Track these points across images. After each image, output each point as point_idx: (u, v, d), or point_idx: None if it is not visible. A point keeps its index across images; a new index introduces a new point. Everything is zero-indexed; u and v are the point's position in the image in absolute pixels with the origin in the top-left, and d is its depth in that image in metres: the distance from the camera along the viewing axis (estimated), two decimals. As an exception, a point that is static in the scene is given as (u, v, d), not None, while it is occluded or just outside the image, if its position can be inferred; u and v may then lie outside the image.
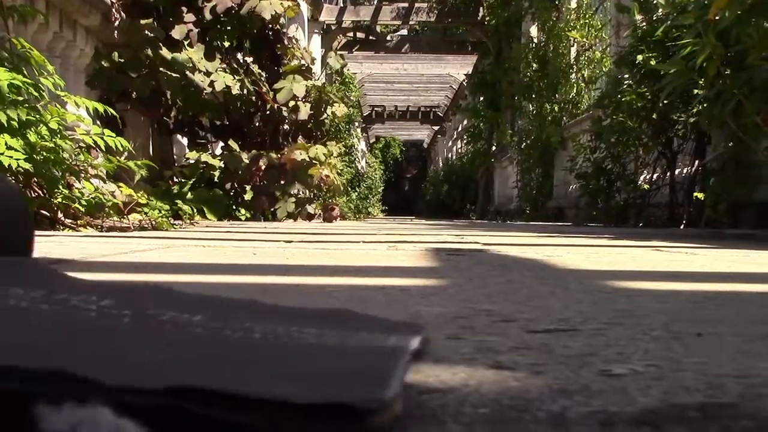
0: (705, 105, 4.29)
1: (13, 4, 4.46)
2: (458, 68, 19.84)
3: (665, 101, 5.50)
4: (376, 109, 27.17)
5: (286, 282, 1.30)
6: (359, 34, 16.96)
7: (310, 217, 8.60)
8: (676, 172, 6.46)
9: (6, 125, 3.45)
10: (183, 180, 7.93)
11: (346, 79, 16.15)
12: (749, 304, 1.04)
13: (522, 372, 0.53)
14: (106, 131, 4.15)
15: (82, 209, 3.93)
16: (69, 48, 5.96)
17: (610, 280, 1.38)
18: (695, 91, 4.26)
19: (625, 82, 6.44)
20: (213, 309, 0.61)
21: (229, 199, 8.06)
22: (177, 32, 7.71)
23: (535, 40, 12.11)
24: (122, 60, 7.27)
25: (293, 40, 9.35)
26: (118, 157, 4.40)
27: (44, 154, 3.66)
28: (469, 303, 1.00)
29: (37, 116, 3.66)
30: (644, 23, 6.15)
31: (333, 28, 15.33)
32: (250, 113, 8.71)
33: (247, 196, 8.17)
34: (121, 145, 4.14)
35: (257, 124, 8.87)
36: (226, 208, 7.89)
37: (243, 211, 8.09)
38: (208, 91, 7.81)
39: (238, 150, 8.29)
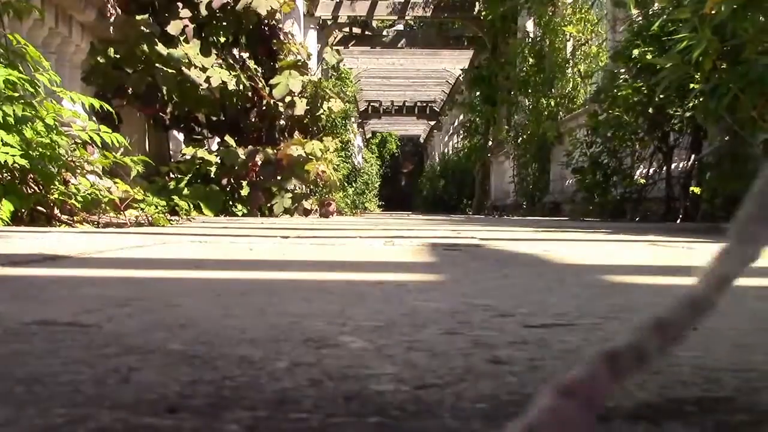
0: (701, 99, 4.29)
1: (9, 0, 4.44)
2: (454, 63, 19.80)
3: (661, 95, 5.50)
4: (372, 104, 27.11)
5: (282, 277, 1.30)
6: (355, 30, 16.95)
7: (306, 212, 8.59)
8: (673, 166, 6.46)
9: (2, 121, 3.44)
10: (179, 176, 7.91)
11: (342, 75, 16.13)
12: (745, 298, 1.04)
13: (519, 367, 0.53)
14: (102, 127, 4.14)
15: (79, 205, 3.93)
16: (64, 44, 5.94)
17: (607, 275, 1.38)
18: (691, 85, 4.25)
19: (621, 76, 6.43)
20: None
21: (225, 195, 8.05)
22: (173, 28, 7.69)
23: (531, 35, 12.11)
24: (118, 56, 7.25)
25: (289, 36, 9.33)
26: (114, 153, 4.39)
27: (40, 150, 3.65)
28: (466, 298, 1.00)
29: (33, 112, 3.65)
30: (640, 18, 6.15)
31: (329, 23, 15.32)
32: (246, 109, 8.69)
33: (244, 192, 8.16)
34: (117, 141, 4.14)
35: (253, 119, 8.86)
36: (222, 203, 7.89)
37: (239, 206, 8.09)
38: (204, 86, 7.80)
39: (234, 146, 8.28)
